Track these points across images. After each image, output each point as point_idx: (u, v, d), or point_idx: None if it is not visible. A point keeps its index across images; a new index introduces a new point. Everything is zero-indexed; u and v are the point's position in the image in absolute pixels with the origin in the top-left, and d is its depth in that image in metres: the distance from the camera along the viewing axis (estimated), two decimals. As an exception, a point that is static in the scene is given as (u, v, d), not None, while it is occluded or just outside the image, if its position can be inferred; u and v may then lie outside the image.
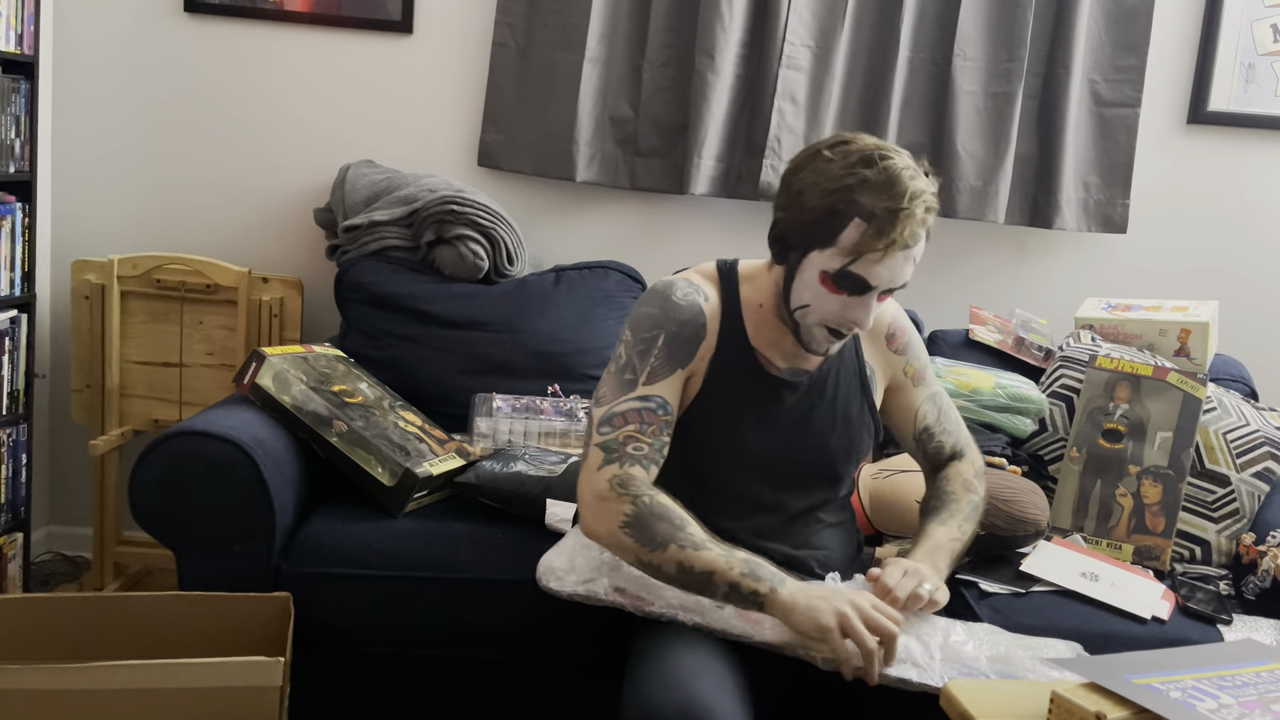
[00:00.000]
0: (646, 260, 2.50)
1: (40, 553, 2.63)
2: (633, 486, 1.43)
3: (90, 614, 1.66)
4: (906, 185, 1.37)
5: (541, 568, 1.55)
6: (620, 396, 1.48)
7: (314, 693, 1.74)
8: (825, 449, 1.59)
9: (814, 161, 1.43)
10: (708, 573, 1.37)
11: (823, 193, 1.39)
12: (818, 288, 1.44)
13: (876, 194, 1.37)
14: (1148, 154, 2.58)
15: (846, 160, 1.39)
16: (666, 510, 1.41)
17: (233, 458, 1.71)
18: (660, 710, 1.23)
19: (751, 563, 1.38)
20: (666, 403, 1.49)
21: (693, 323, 1.51)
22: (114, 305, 2.41)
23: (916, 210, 1.37)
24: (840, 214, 1.39)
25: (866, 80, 2.52)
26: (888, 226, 1.37)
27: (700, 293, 1.53)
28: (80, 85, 2.56)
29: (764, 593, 1.36)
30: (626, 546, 1.42)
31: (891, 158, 1.39)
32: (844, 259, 1.40)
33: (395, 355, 2.23)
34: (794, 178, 1.45)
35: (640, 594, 1.45)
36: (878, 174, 1.37)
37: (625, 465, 1.44)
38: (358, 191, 2.40)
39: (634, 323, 1.52)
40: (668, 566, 1.39)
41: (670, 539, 1.39)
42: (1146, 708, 0.98)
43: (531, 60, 2.51)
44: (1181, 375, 2.07)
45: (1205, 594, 1.86)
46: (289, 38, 2.56)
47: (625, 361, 1.50)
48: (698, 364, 1.52)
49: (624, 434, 1.46)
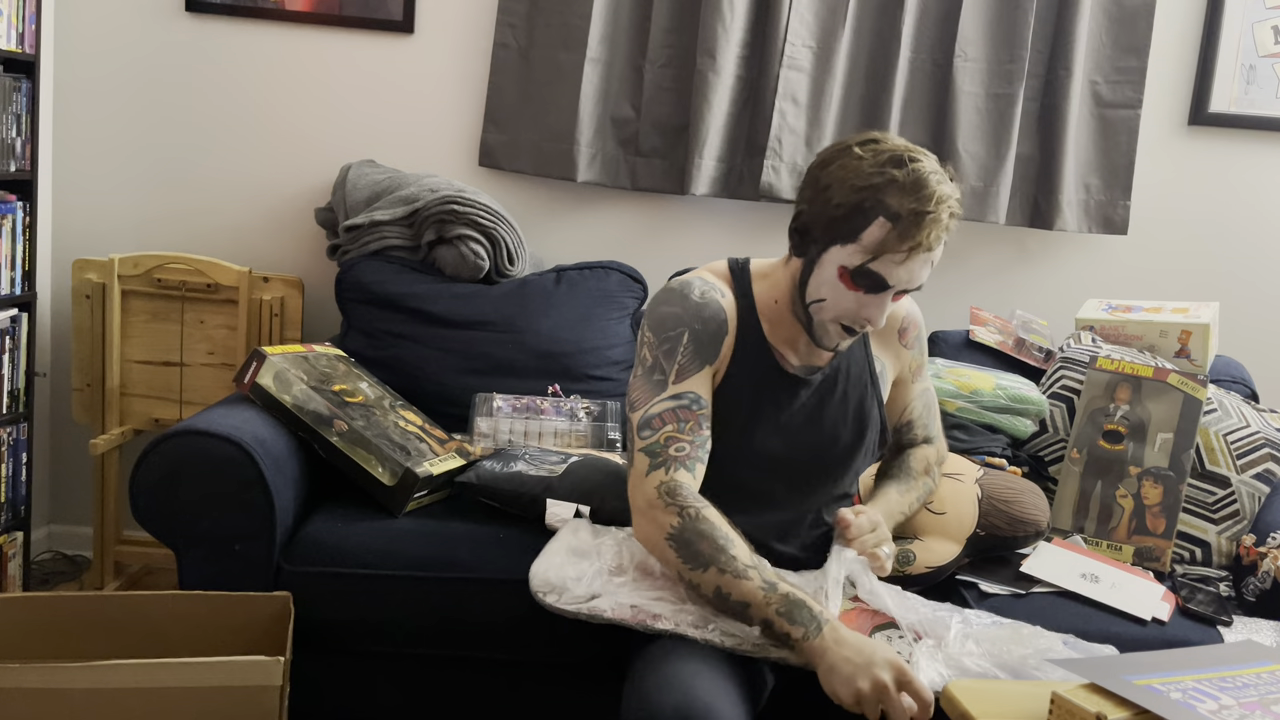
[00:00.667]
0: (647, 261, 2.50)
1: (40, 552, 2.63)
2: (680, 496, 1.42)
3: (90, 613, 1.66)
4: (934, 189, 1.38)
5: (536, 580, 1.54)
6: (654, 398, 1.48)
7: (314, 692, 1.74)
8: (837, 445, 1.60)
9: (843, 157, 1.43)
10: (744, 604, 1.36)
11: (851, 189, 1.40)
12: (835, 283, 1.44)
13: (904, 195, 1.37)
14: (1148, 155, 2.58)
15: (876, 159, 1.40)
16: (712, 529, 1.40)
17: (233, 457, 1.71)
18: (660, 710, 1.23)
19: (791, 602, 1.34)
20: (700, 397, 1.49)
21: (715, 319, 1.51)
22: (115, 304, 2.40)
23: (942, 215, 1.38)
24: (866, 212, 1.39)
25: (867, 81, 2.52)
26: (912, 229, 1.37)
27: (718, 290, 1.54)
28: (81, 84, 2.56)
29: (796, 638, 1.33)
30: (670, 560, 1.43)
31: (920, 160, 1.40)
32: (865, 256, 1.41)
33: (396, 355, 2.23)
34: (822, 171, 1.45)
35: (651, 611, 1.43)
36: (906, 175, 1.38)
37: (671, 470, 1.44)
38: (359, 191, 2.40)
39: (655, 323, 1.52)
40: (706, 588, 1.39)
41: (712, 561, 1.38)
42: (1147, 709, 0.98)
43: (533, 60, 2.51)
44: (1182, 376, 2.07)
45: (1205, 595, 1.86)
46: (290, 37, 2.56)
47: (652, 363, 1.50)
48: (721, 360, 1.52)
49: (664, 435, 1.45)
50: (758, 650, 1.38)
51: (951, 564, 1.79)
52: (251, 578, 1.72)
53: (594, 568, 1.53)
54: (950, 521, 1.82)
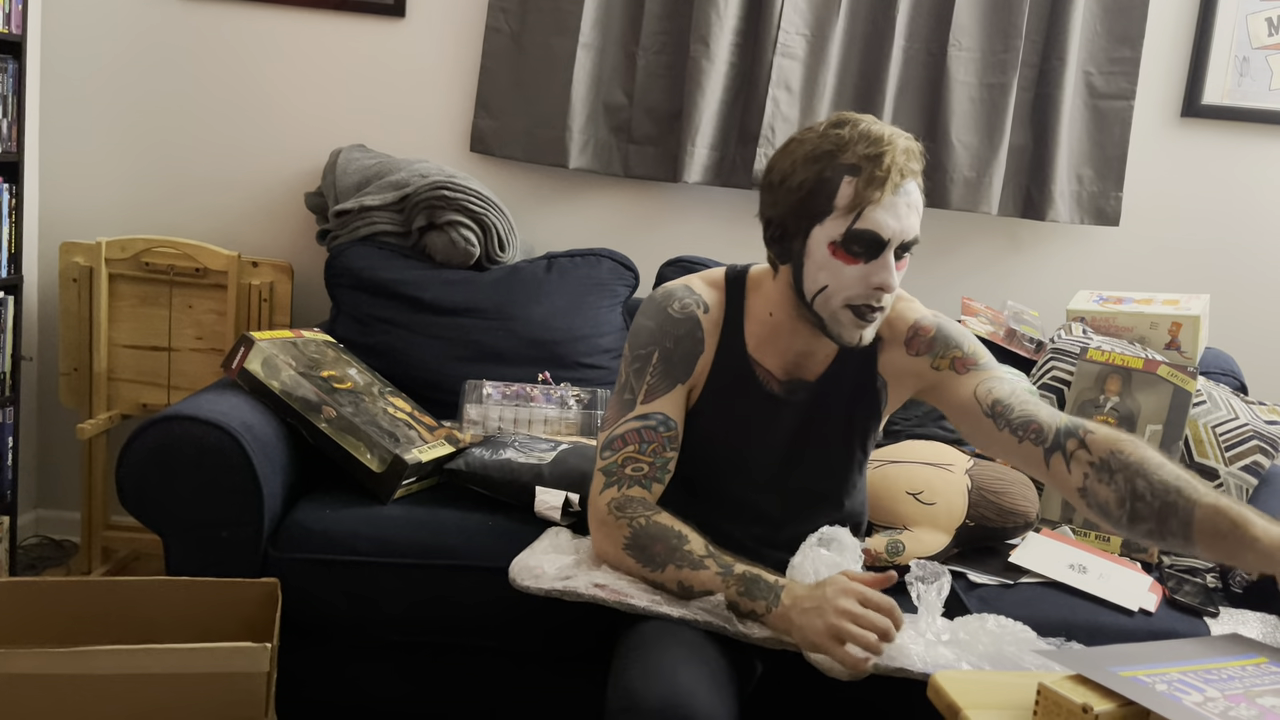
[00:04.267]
0: (639, 248, 2.50)
1: (27, 536, 2.62)
2: (630, 509, 1.44)
3: (77, 598, 1.66)
4: (880, 131, 1.40)
5: (516, 567, 1.55)
6: (620, 418, 1.50)
7: (301, 678, 1.74)
8: (825, 459, 1.58)
9: (787, 148, 1.46)
10: (707, 592, 1.39)
11: (806, 164, 1.41)
12: (831, 262, 1.42)
13: (855, 146, 1.40)
14: (1141, 147, 2.58)
15: (819, 132, 1.43)
16: (663, 531, 1.42)
17: (221, 443, 1.70)
18: (643, 700, 1.23)
19: (748, 579, 1.38)
20: (668, 419, 1.49)
21: (689, 337, 1.51)
22: (102, 288, 2.39)
23: (898, 143, 1.40)
24: (828, 179, 1.40)
25: (861, 69, 2.51)
26: (875, 167, 1.38)
27: (699, 303, 1.53)
28: (69, 65, 2.54)
29: (761, 612, 1.36)
30: (631, 567, 1.45)
31: (863, 119, 1.43)
32: (847, 220, 1.40)
33: (385, 341, 2.22)
34: (773, 171, 1.47)
35: (622, 589, 1.44)
36: (850, 130, 1.41)
37: (623, 488, 1.46)
38: (349, 176, 2.38)
39: (632, 338, 1.53)
40: (669, 585, 1.42)
41: (669, 559, 1.41)
42: (1133, 700, 0.98)
43: (525, 45, 2.49)
44: (1172, 368, 2.07)
45: (1192, 587, 1.87)
46: (280, 20, 2.54)
47: (624, 381, 1.52)
48: (698, 377, 1.52)
49: (623, 456, 1.47)
50: (731, 627, 1.38)
51: (941, 554, 1.80)
52: (239, 564, 1.71)
53: (573, 559, 1.54)
54: (940, 512, 1.83)
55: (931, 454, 1.95)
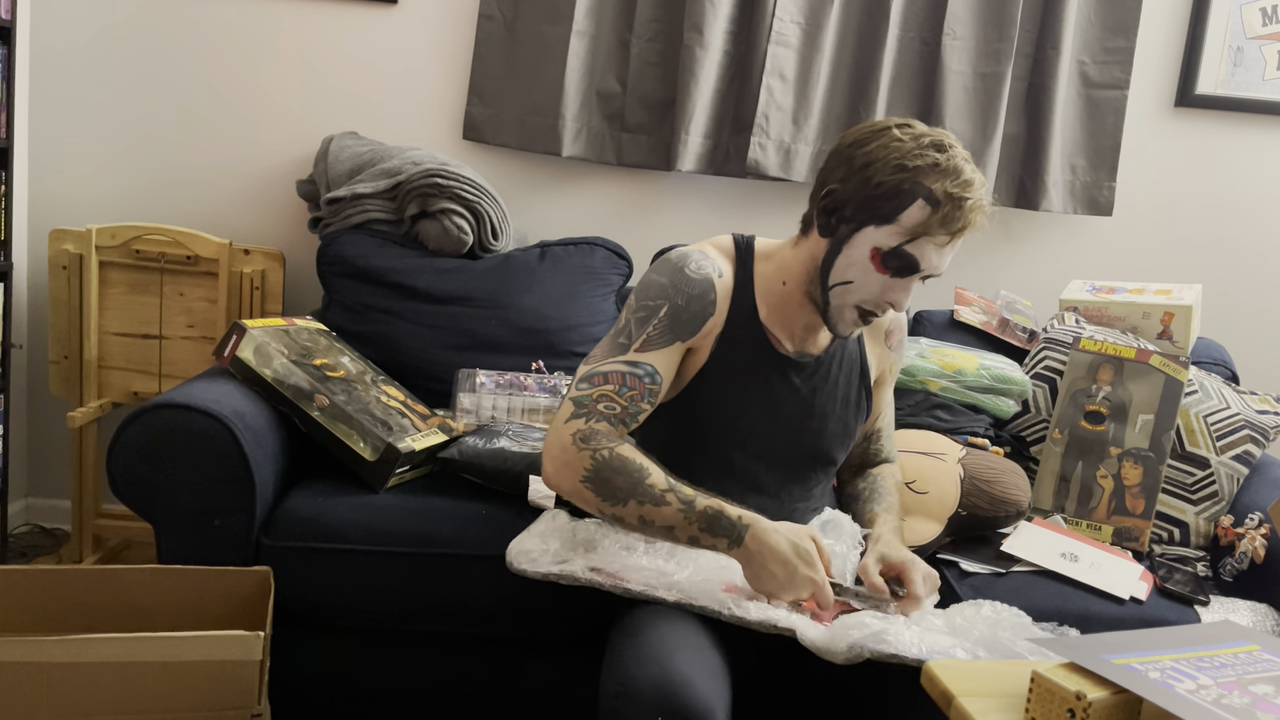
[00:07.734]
0: (633, 237, 2.49)
1: (18, 525, 2.61)
2: (594, 440, 1.43)
3: (68, 587, 1.65)
4: (971, 176, 1.41)
5: (513, 550, 1.54)
6: (608, 357, 1.48)
7: (294, 667, 1.74)
8: (825, 432, 1.60)
9: (882, 137, 1.43)
10: (668, 527, 1.40)
11: (894, 168, 1.41)
12: (865, 264, 1.44)
13: (944, 179, 1.39)
14: (1135, 137, 2.58)
15: (918, 142, 1.42)
16: (625, 463, 1.41)
17: (213, 431, 1.69)
18: (637, 684, 1.23)
19: (709, 516, 1.39)
20: (655, 372, 1.48)
21: (702, 298, 1.50)
22: (92, 276, 2.38)
23: (982, 199, 1.42)
24: (906, 193, 1.40)
25: (856, 58, 2.50)
26: (954, 213, 1.40)
27: (714, 268, 1.53)
28: (59, 51, 2.52)
29: (722, 549, 1.40)
30: (588, 500, 1.43)
31: (957, 147, 1.43)
32: (902, 238, 1.41)
33: (378, 329, 2.22)
34: (859, 150, 1.44)
35: (618, 573, 1.44)
36: (947, 160, 1.40)
37: (591, 420, 1.44)
38: (341, 163, 2.37)
39: (640, 289, 1.52)
40: (629, 520, 1.42)
41: (630, 494, 1.40)
42: (1125, 688, 0.98)
43: (518, 33, 2.48)
44: (1164, 358, 2.07)
45: (1183, 575, 1.88)
46: (272, 6, 2.52)
47: (623, 325, 1.50)
48: (702, 340, 1.51)
49: (599, 392, 1.46)
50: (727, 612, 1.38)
51: (933, 543, 1.80)
52: (231, 552, 1.71)
53: (569, 543, 1.53)
54: (932, 501, 1.83)
55: (924, 443, 1.95)
